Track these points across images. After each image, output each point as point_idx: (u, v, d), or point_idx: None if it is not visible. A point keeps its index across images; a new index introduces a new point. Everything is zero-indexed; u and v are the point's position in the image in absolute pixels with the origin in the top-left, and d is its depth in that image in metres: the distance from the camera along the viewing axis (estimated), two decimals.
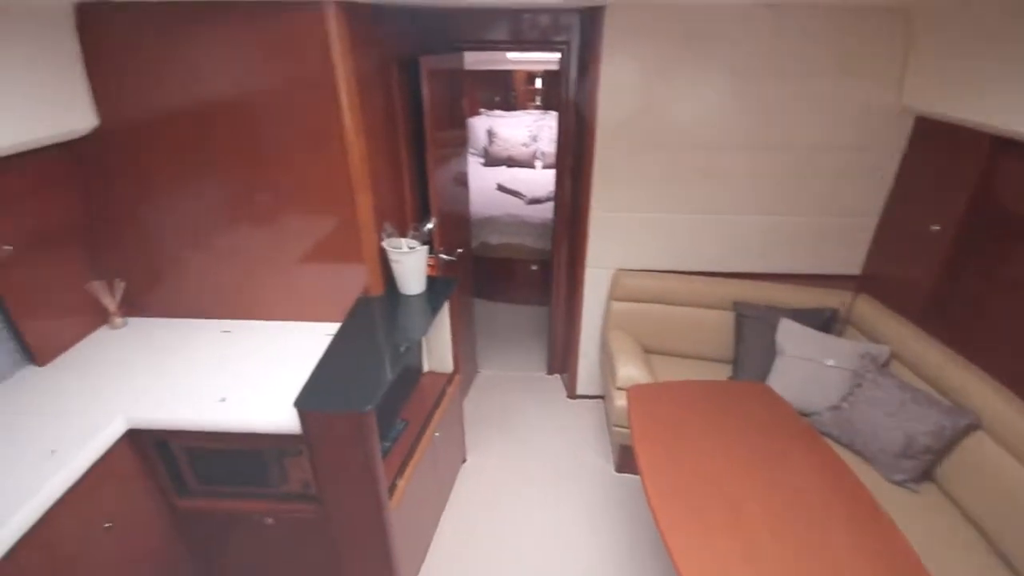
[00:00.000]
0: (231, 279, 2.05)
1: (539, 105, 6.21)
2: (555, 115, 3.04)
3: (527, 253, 4.12)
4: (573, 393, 3.20)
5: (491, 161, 5.52)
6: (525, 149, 5.44)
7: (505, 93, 6.32)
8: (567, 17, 2.61)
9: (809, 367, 2.32)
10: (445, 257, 2.48)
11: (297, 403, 1.54)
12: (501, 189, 4.80)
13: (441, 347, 2.35)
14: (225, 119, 1.78)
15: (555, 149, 2.90)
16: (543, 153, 5.42)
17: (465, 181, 3.03)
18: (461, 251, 2.73)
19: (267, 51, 1.68)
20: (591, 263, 2.75)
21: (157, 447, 1.68)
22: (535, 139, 5.49)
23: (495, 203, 4.44)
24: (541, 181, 4.80)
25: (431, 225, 2.28)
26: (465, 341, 2.99)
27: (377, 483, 1.63)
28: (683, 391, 2.14)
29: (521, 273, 4.23)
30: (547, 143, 5.36)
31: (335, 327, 1.94)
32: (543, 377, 3.45)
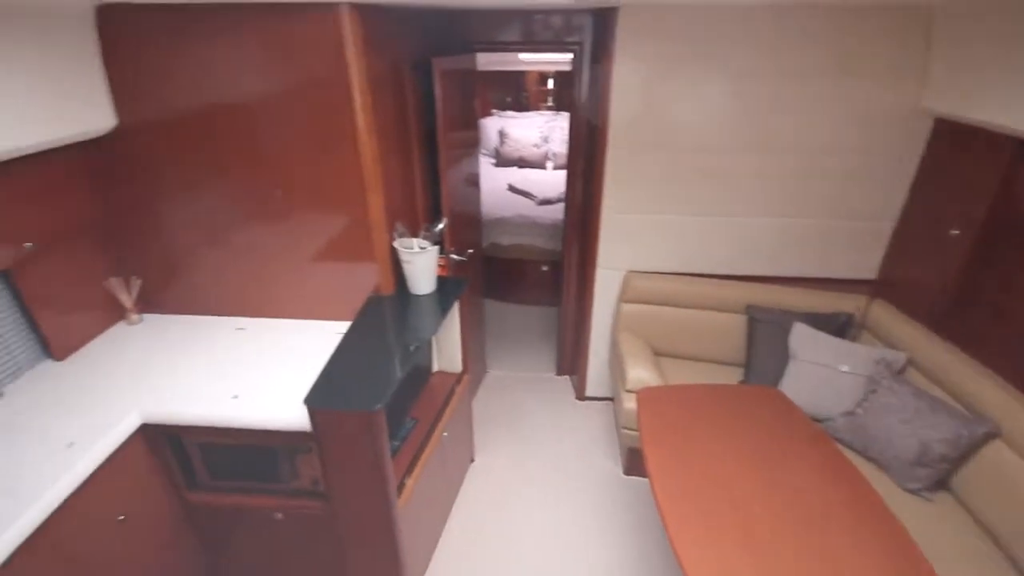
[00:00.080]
0: (245, 277, 2.08)
1: (551, 106, 6.19)
2: (567, 116, 3.04)
3: (538, 254, 4.12)
4: (582, 394, 3.19)
5: (502, 162, 5.53)
6: (536, 150, 5.44)
7: (517, 94, 6.31)
8: (579, 18, 2.61)
9: (823, 372, 2.29)
10: (456, 257, 2.48)
11: (307, 401, 1.56)
12: (512, 190, 4.80)
13: (451, 347, 2.36)
14: (239, 119, 1.80)
15: (566, 150, 2.90)
16: (554, 154, 5.41)
17: (477, 182, 3.04)
18: (472, 251, 2.74)
19: (281, 52, 1.69)
20: (602, 264, 2.75)
21: (170, 442, 1.71)
22: (546, 140, 5.48)
23: (506, 204, 4.44)
24: (552, 182, 4.79)
25: (442, 225, 2.29)
26: (475, 341, 3.00)
27: (386, 481, 1.64)
28: (693, 394, 2.13)
29: (531, 274, 4.23)
30: (558, 144, 5.34)
31: (346, 326, 1.95)
32: (552, 378, 3.44)
